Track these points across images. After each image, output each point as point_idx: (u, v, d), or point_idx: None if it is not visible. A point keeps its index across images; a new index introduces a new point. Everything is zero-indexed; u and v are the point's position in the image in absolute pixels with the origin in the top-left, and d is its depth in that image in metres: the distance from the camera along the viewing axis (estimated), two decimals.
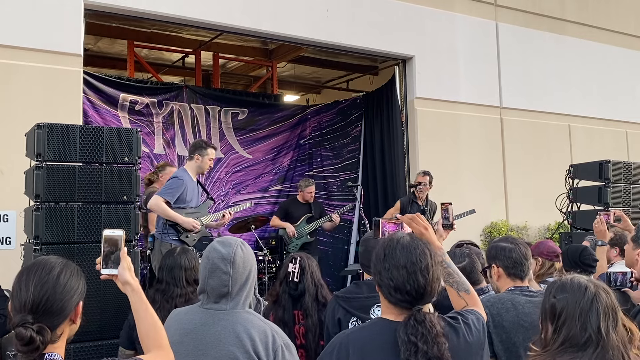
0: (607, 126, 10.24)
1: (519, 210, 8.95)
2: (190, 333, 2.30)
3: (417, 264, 2.00)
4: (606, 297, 1.99)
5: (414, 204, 7.00)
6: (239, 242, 2.45)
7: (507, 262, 2.96)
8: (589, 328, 1.93)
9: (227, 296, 2.35)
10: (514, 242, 3.01)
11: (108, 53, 9.67)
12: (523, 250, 2.97)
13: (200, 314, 2.37)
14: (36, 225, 4.16)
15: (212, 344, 2.28)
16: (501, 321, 2.84)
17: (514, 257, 2.95)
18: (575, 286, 2.02)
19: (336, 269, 9.15)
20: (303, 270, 3.56)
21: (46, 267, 1.77)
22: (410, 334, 1.92)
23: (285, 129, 9.82)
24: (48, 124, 4.26)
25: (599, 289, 2.00)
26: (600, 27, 10.47)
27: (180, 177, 5.45)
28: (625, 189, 6.59)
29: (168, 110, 8.62)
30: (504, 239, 3.07)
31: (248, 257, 2.43)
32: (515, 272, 2.96)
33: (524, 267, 2.96)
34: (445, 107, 8.67)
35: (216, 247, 2.41)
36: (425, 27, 8.58)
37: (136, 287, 1.93)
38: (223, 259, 2.36)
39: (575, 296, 1.99)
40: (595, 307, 1.95)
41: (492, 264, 3.04)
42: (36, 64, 5.91)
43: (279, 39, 7.87)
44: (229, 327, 2.30)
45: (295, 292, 3.54)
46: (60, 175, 4.25)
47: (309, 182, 7.92)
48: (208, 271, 2.37)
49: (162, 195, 5.36)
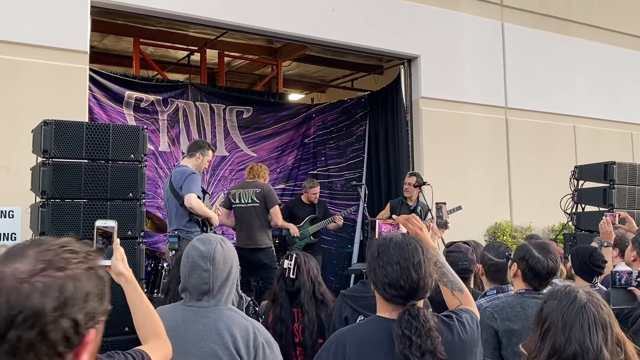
0: (612, 127, 10.22)
1: (523, 211, 8.94)
2: (172, 330, 2.29)
3: (409, 260, 2.04)
4: (596, 311, 1.90)
5: (404, 205, 7.07)
6: (219, 239, 2.45)
7: (528, 270, 2.92)
8: (574, 342, 1.86)
9: (208, 293, 2.36)
10: (546, 255, 2.92)
11: (114, 50, 9.68)
12: (551, 265, 2.91)
13: (182, 311, 2.39)
14: (42, 222, 4.18)
15: (193, 342, 2.30)
16: (511, 325, 2.83)
17: (537, 269, 2.90)
18: (565, 295, 1.97)
19: (340, 268, 9.16)
20: (299, 267, 3.56)
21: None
22: (404, 328, 1.97)
23: (290, 128, 9.82)
24: (55, 120, 4.28)
25: (590, 302, 1.92)
26: (606, 28, 10.44)
27: (197, 173, 5.52)
28: (631, 190, 6.57)
29: (173, 108, 8.64)
30: (539, 246, 2.98)
31: (228, 254, 2.43)
32: (532, 282, 2.94)
33: (542, 281, 2.92)
34: (450, 107, 8.66)
35: (195, 244, 2.42)
36: (431, 27, 8.57)
37: (130, 277, 1.93)
38: (203, 256, 2.37)
39: (561, 305, 1.95)
40: (580, 320, 1.88)
41: (515, 262, 3.01)
42: (42, 60, 5.92)
43: (285, 37, 7.87)
44: (211, 324, 2.32)
45: (292, 289, 3.54)
46: (67, 172, 4.27)
47: (314, 184, 7.93)
48: (188, 269, 2.38)
49: (195, 192, 5.37)
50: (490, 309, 2.93)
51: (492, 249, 3.42)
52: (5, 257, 1.07)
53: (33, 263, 1.05)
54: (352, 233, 9.42)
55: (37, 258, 1.06)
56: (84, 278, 1.08)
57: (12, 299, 1.01)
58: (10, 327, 1.00)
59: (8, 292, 1.02)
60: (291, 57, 10.01)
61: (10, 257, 1.07)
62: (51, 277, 1.04)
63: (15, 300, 1.01)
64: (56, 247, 1.10)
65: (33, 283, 1.03)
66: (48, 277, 1.04)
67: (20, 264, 1.05)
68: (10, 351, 1.00)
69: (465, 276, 3.62)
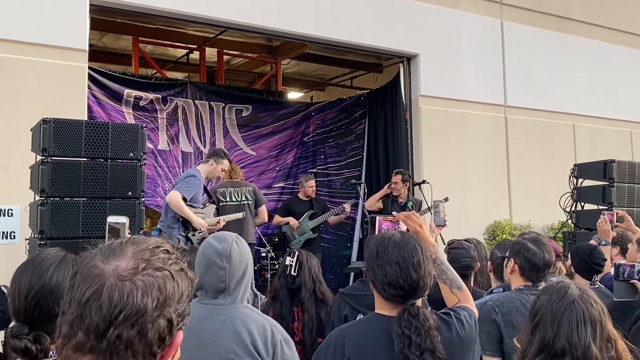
0: (611, 125, 10.22)
1: (522, 209, 8.94)
2: (188, 328, 2.26)
3: (409, 260, 2.05)
4: (585, 307, 1.92)
5: (395, 202, 7.29)
6: (234, 236, 2.45)
7: (525, 264, 2.94)
8: (562, 337, 1.88)
9: (224, 291, 2.35)
10: (541, 247, 2.96)
11: (113, 49, 9.67)
12: (547, 258, 2.94)
13: (198, 309, 2.37)
14: (41, 220, 4.18)
15: (210, 339, 2.28)
16: (511, 319, 2.85)
17: (534, 261, 2.92)
18: (557, 290, 2.00)
19: (339, 266, 9.16)
20: (301, 264, 3.56)
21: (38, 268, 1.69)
22: (404, 327, 1.97)
23: (289, 126, 9.81)
24: (54, 119, 4.28)
25: (581, 298, 1.94)
26: (605, 26, 10.44)
27: (198, 177, 5.62)
28: (630, 188, 6.58)
29: (172, 107, 8.63)
30: (533, 240, 3.02)
31: (244, 252, 2.43)
32: (529, 276, 2.95)
33: (539, 273, 2.94)
34: (450, 106, 8.66)
35: (211, 242, 2.41)
36: (430, 25, 8.57)
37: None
38: (219, 254, 2.36)
39: (552, 300, 1.97)
40: (568, 315, 1.90)
41: (511, 257, 3.03)
42: (42, 59, 5.92)
43: (284, 35, 7.87)
44: (228, 322, 2.31)
45: (292, 286, 3.54)
46: (66, 170, 4.27)
47: (309, 177, 8.01)
48: (204, 267, 2.37)
49: (180, 191, 5.44)
50: (491, 302, 2.94)
51: (502, 247, 3.45)
52: (105, 254, 1.07)
53: (133, 261, 1.05)
54: (352, 232, 9.42)
55: (136, 257, 1.06)
56: (179, 279, 1.10)
57: (115, 297, 1.01)
58: (111, 325, 1.00)
59: (110, 290, 1.01)
60: (290, 55, 10.00)
61: (111, 255, 1.06)
62: (151, 276, 1.05)
63: (118, 299, 1.01)
64: (152, 246, 1.10)
65: (135, 282, 1.03)
66: (149, 277, 1.04)
67: (120, 262, 1.05)
68: (108, 349, 1.00)
69: (467, 273, 3.64)
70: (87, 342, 1.00)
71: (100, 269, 1.03)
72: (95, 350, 1.00)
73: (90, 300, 1.00)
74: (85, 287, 1.02)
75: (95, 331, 1.00)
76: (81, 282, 1.03)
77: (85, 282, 1.03)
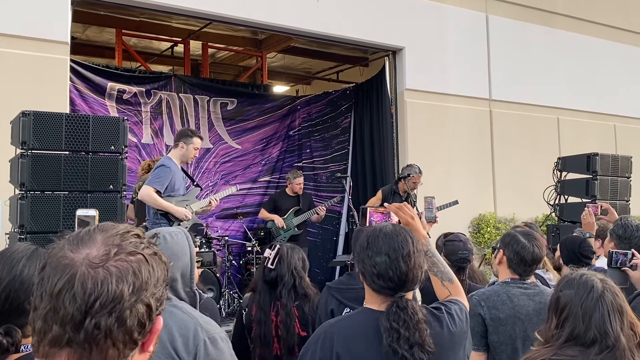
0: (595, 119, 10.29)
1: (506, 202, 8.99)
2: None
3: (399, 251, 2.03)
4: (612, 298, 2.00)
5: (396, 195, 7.08)
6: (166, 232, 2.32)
7: (514, 256, 2.95)
8: (593, 328, 1.96)
9: None
10: (532, 241, 2.95)
11: (96, 41, 9.57)
12: (537, 252, 2.94)
13: None
14: (21, 214, 4.13)
15: None
16: (497, 314, 2.85)
17: (522, 255, 2.92)
18: (582, 284, 2.04)
19: (325, 260, 9.16)
20: (280, 258, 3.50)
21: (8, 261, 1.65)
22: (392, 321, 1.95)
23: (275, 120, 9.78)
24: (33, 111, 4.22)
25: (605, 290, 2.02)
26: (590, 20, 10.49)
27: (167, 165, 5.40)
28: (613, 181, 6.63)
29: (156, 100, 8.56)
30: (525, 234, 3.02)
31: (173, 248, 2.27)
32: (517, 269, 2.96)
33: (527, 267, 2.95)
34: (435, 99, 8.67)
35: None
36: (415, 19, 8.56)
37: None
38: None
39: (579, 294, 2.02)
40: (599, 308, 1.97)
41: (501, 249, 3.03)
42: (23, 51, 5.84)
43: (270, 28, 7.83)
44: None
45: (268, 278, 3.48)
46: (46, 164, 4.22)
47: (297, 174, 7.92)
48: None
49: (151, 184, 5.29)
50: (477, 296, 2.94)
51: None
52: (73, 243, 1.03)
53: (104, 248, 1.02)
54: (337, 225, 9.43)
55: (106, 243, 1.02)
56: (154, 262, 1.05)
57: (89, 286, 0.97)
58: (87, 315, 0.96)
59: (83, 278, 0.97)
60: (276, 48, 9.96)
61: (80, 243, 1.02)
62: (125, 261, 1.01)
63: (92, 287, 0.97)
64: (122, 231, 1.06)
65: (108, 268, 0.99)
66: (122, 262, 1.00)
67: (90, 250, 1.01)
68: (86, 340, 0.96)
69: (464, 265, 3.66)
70: (64, 335, 0.96)
71: (70, 259, 0.99)
72: (73, 343, 0.96)
73: (63, 291, 0.96)
74: (55, 278, 0.98)
75: (71, 323, 0.95)
76: (51, 274, 0.99)
77: (55, 273, 0.99)
